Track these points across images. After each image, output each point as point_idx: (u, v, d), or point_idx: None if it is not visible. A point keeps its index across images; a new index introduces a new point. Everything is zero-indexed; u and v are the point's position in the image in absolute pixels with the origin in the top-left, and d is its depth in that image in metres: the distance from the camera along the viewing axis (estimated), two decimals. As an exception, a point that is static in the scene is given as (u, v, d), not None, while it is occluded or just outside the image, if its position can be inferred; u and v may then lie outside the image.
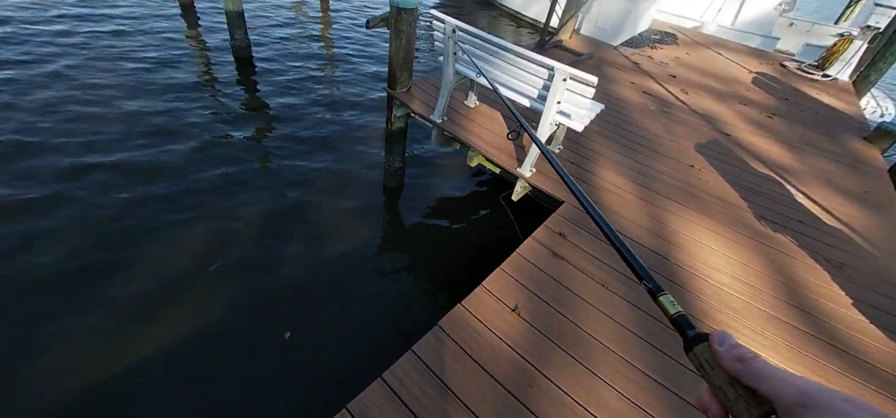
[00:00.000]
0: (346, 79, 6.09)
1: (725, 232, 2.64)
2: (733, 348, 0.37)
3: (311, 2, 8.78)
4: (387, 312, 2.99)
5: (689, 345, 0.41)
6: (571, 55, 5.17)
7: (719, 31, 8.19)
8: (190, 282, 2.86)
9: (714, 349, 0.39)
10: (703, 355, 0.39)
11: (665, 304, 0.46)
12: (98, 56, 5.24)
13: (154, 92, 4.80)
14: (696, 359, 0.40)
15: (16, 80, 4.46)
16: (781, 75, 6.16)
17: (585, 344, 1.79)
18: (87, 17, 6.17)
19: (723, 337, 0.39)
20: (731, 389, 0.36)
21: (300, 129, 4.73)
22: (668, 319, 0.45)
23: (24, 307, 2.53)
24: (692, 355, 0.41)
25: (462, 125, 3.25)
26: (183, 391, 2.31)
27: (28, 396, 2.18)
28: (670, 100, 4.59)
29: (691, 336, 0.42)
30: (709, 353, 0.39)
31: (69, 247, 2.92)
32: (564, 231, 2.40)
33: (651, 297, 0.48)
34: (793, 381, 0.32)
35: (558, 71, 2.34)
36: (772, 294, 2.22)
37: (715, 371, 0.38)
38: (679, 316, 0.44)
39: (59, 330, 2.45)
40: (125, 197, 3.38)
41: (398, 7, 3.00)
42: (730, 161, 3.52)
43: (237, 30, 5.63)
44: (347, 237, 3.48)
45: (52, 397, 2.18)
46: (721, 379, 0.37)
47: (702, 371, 0.39)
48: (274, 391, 2.39)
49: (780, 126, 4.39)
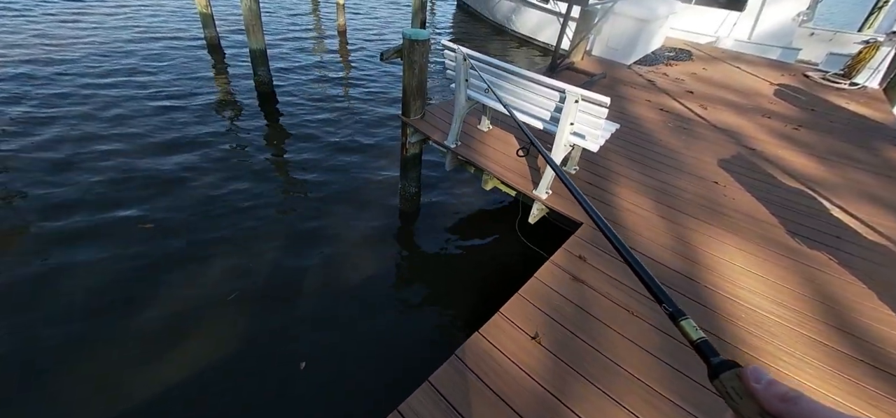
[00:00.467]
0: (362, 109, 6.26)
1: (757, 250, 2.51)
2: (772, 385, 0.35)
3: (330, 41, 9.16)
4: (403, 341, 2.95)
5: (715, 373, 0.40)
6: (584, 76, 5.17)
7: (736, 44, 8.07)
8: (208, 312, 2.90)
9: (750, 386, 0.37)
10: (730, 383, 0.38)
11: (687, 329, 0.45)
12: (126, 94, 5.57)
13: (179, 126, 5.05)
14: (722, 387, 0.39)
15: (50, 115, 4.77)
16: (805, 86, 5.97)
17: (611, 374, 1.71)
18: (114, 52, 6.63)
19: (759, 373, 0.37)
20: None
21: (318, 159, 4.85)
22: (690, 345, 0.44)
23: (50, 336, 2.62)
24: (718, 382, 0.40)
25: (476, 149, 3.26)
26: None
27: None
28: (689, 116, 4.50)
29: (716, 362, 0.41)
30: (737, 382, 0.38)
31: (94, 277, 3.02)
32: (584, 254, 2.33)
33: (672, 321, 0.47)
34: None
35: (569, 93, 2.33)
36: (812, 316, 2.08)
37: (744, 401, 0.37)
38: (702, 341, 0.43)
39: (84, 357, 2.52)
40: (149, 228, 3.50)
41: (411, 39, 3.09)
42: (756, 176, 3.39)
43: (260, 66, 5.91)
44: (364, 264, 3.49)
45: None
46: (752, 411, 0.36)
47: (729, 400, 0.38)
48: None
49: (808, 137, 4.23)
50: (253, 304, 3.00)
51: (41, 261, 3.08)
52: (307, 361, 2.66)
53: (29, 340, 2.58)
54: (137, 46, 7.17)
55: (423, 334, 3.02)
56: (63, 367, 2.46)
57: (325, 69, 7.56)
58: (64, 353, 2.53)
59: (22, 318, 2.69)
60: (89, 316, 2.77)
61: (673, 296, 2.13)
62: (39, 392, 2.34)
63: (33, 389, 2.34)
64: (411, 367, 2.74)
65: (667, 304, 0.49)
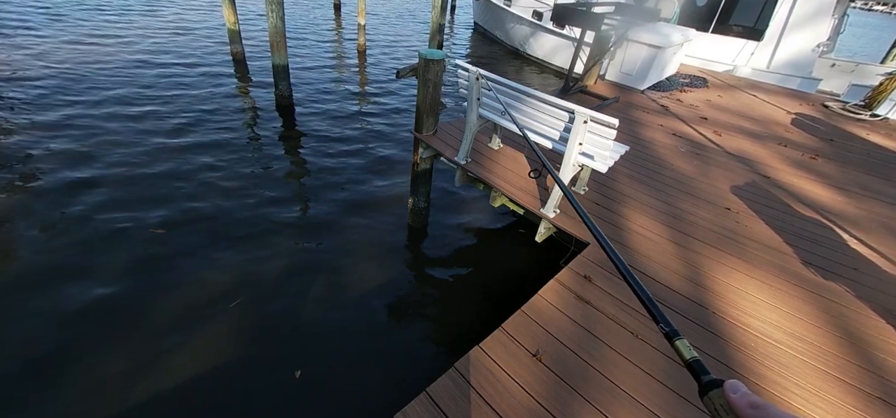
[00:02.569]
0: (375, 124, 6.39)
1: (770, 279, 2.45)
2: (746, 395, 0.40)
3: (350, 58, 9.46)
4: (403, 352, 2.93)
5: (704, 390, 0.43)
6: (596, 99, 5.20)
7: (754, 73, 8.01)
8: (211, 319, 2.93)
9: (728, 396, 0.40)
10: (718, 400, 0.41)
11: (681, 348, 0.48)
12: (148, 97, 5.83)
13: (199, 134, 5.24)
14: (711, 404, 0.42)
15: (76, 121, 5.01)
16: (824, 116, 5.87)
17: (613, 396, 1.67)
18: (147, 63, 6.96)
19: (736, 385, 0.41)
20: None
21: (330, 172, 4.95)
22: (683, 364, 0.47)
23: (59, 336, 2.69)
24: (707, 400, 0.43)
25: (485, 167, 3.29)
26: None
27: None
28: (702, 142, 4.47)
29: (706, 381, 0.43)
30: (723, 399, 0.41)
31: (101, 280, 3.09)
32: (590, 274, 2.31)
33: (668, 341, 0.50)
34: None
35: (578, 114, 2.35)
36: (827, 349, 2.00)
37: (729, 417, 0.40)
38: (694, 361, 0.46)
39: (88, 359, 2.57)
40: (160, 233, 3.60)
41: (426, 58, 3.18)
42: (770, 204, 3.32)
43: (282, 81, 6.13)
44: (369, 276, 3.52)
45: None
46: None
47: (717, 416, 0.41)
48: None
49: (825, 168, 4.14)
50: (255, 312, 3.03)
51: (49, 262, 3.16)
52: (305, 370, 2.66)
53: (33, 341, 2.62)
54: (168, 57, 7.53)
55: (423, 346, 3.00)
56: (64, 369, 2.50)
57: (343, 85, 7.78)
58: (65, 356, 2.57)
59: (29, 319, 2.76)
60: (93, 319, 2.81)
61: (683, 322, 2.10)
62: (41, 393, 2.37)
63: (36, 389, 2.38)
64: (410, 378, 2.73)
65: (663, 324, 0.52)
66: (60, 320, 2.78)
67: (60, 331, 2.71)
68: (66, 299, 2.91)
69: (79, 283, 3.04)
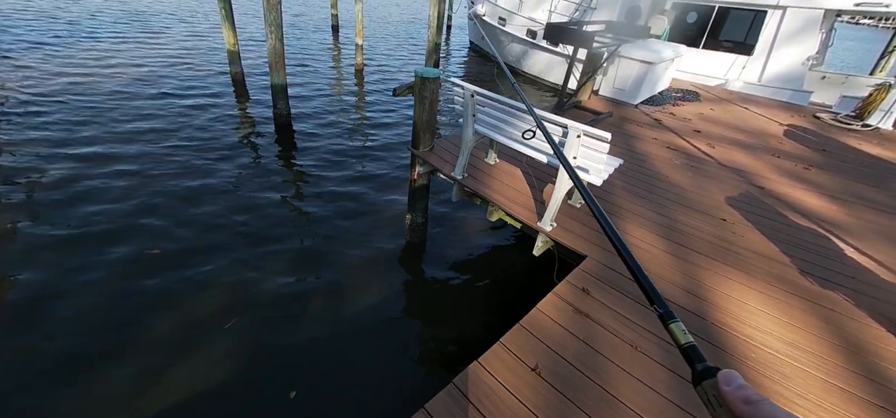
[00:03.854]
0: (373, 141, 6.45)
1: (768, 289, 2.45)
2: (740, 389, 0.37)
3: (347, 77, 9.60)
4: (400, 369, 2.90)
5: (698, 379, 0.41)
6: (590, 114, 5.28)
7: (746, 87, 8.16)
8: (205, 339, 2.90)
9: (721, 389, 0.38)
10: (711, 391, 0.39)
11: (676, 332, 0.45)
12: (146, 117, 5.88)
13: (197, 153, 5.28)
14: (704, 394, 0.40)
15: (71, 140, 5.05)
16: (816, 127, 5.96)
17: (612, 409, 1.65)
18: (145, 82, 7.04)
19: (730, 377, 0.38)
20: None
21: (328, 189, 4.97)
22: (678, 348, 0.44)
23: (48, 357, 2.65)
24: (700, 389, 0.40)
25: (482, 181, 3.32)
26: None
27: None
28: (696, 154, 4.52)
29: (700, 369, 0.41)
30: (716, 390, 0.38)
31: (96, 300, 3.08)
32: (588, 287, 2.31)
33: (662, 323, 0.48)
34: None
35: (572, 128, 2.39)
36: (828, 358, 1.99)
37: (722, 409, 0.37)
38: (690, 346, 0.43)
39: (83, 380, 2.53)
40: (156, 253, 3.59)
41: (422, 76, 3.24)
42: (765, 214, 3.35)
43: (280, 100, 6.20)
44: (367, 292, 3.50)
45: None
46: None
47: (709, 407, 0.39)
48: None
49: (818, 177, 4.18)
50: (251, 332, 3.00)
51: (45, 282, 3.14)
52: (301, 389, 2.62)
53: (27, 363, 2.59)
54: (167, 79, 7.62)
55: (420, 362, 2.97)
56: (58, 390, 2.47)
57: (341, 104, 7.88)
58: (61, 377, 2.55)
59: (24, 337, 2.73)
60: (89, 339, 2.79)
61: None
62: (34, 412, 2.34)
63: (28, 410, 2.35)
64: (407, 395, 2.69)
65: (658, 305, 0.50)
66: (55, 341, 2.75)
67: (55, 351, 2.68)
68: (61, 320, 2.89)
69: (72, 304, 3.02)
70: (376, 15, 19.25)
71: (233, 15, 7.22)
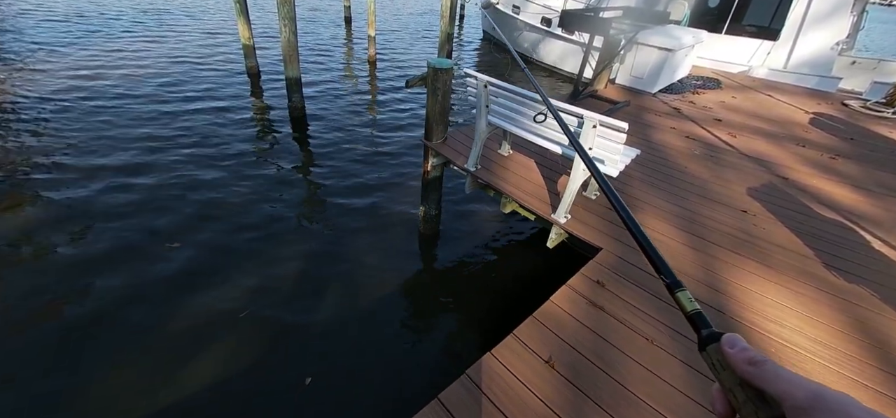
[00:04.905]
0: (386, 132, 6.47)
1: (790, 283, 2.38)
2: (744, 350, 0.37)
3: (360, 69, 9.62)
4: (414, 359, 2.94)
5: (703, 344, 0.41)
6: (607, 104, 5.17)
7: (770, 73, 7.86)
8: (221, 328, 2.96)
9: (724, 351, 0.38)
10: (715, 355, 0.39)
11: (682, 300, 0.46)
12: (164, 113, 6.01)
13: (213, 146, 5.38)
14: (708, 359, 0.40)
15: (98, 134, 5.21)
16: (844, 115, 5.71)
17: (629, 405, 1.64)
18: (161, 77, 7.19)
19: (734, 339, 0.39)
20: (741, 392, 0.36)
21: (342, 180, 5.02)
22: (684, 316, 0.45)
23: (74, 347, 2.75)
24: (705, 354, 0.41)
25: (496, 173, 3.30)
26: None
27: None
28: (717, 144, 4.39)
29: (705, 334, 0.41)
30: (720, 354, 0.39)
31: (119, 291, 3.17)
32: (603, 279, 2.29)
33: (669, 292, 0.49)
34: (803, 384, 0.32)
35: (587, 118, 2.35)
36: (852, 354, 1.93)
37: (726, 372, 0.38)
38: (696, 313, 0.44)
39: (100, 369, 2.63)
40: (176, 247, 3.68)
41: (435, 67, 3.22)
42: (789, 206, 3.24)
43: (295, 93, 6.27)
44: (380, 284, 3.54)
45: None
46: (731, 381, 0.37)
47: (714, 371, 0.40)
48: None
49: (846, 168, 4.02)
50: (265, 321, 3.06)
51: (59, 281, 3.22)
52: (315, 377, 2.68)
53: (42, 356, 2.68)
54: (182, 74, 7.76)
55: (434, 352, 3.00)
56: (77, 380, 2.55)
57: (354, 95, 7.91)
58: (78, 367, 2.63)
59: (40, 330, 2.83)
60: (100, 332, 2.86)
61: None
62: (45, 404, 2.43)
63: (43, 401, 2.44)
64: (421, 385, 2.72)
65: (665, 274, 0.51)
66: (76, 332, 2.84)
67: (75, 343, 2.77)
68: (82, 312, 2.98)
69: (93, 296, 3.11)
70: (389, 6, 19.17)
71: (248, 9, 7.30)
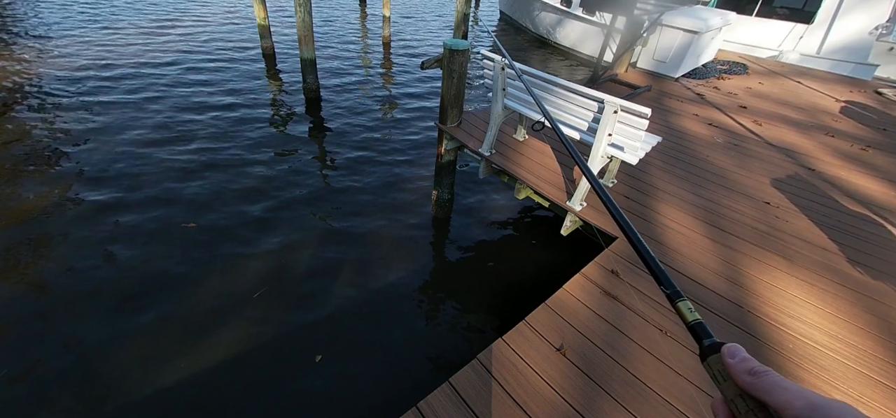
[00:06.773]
0: (400, 115, 6.44)
1: (812, 278, 2.32)
2: (744, 361, 0.38)
3: (375, 51, 9.53)
4: (426, 342, 2.97)
5: (704, 354, 0.41)
6: (627, 88, 5.03)
7: (802, 59, 7.50)
8: (235, 306, 3.03)
9: (725, 361, 0.39)
10: (717, 365, 0.40)
11: (683, 310, 0.47)
12: (183, 95, 6.09)
13: (229, 128, 5.43)
14: (710, 369, 0.41)
15: (118, 115, 5.31)
16: (878, 104, 5.44)
17: (641, 395, 1.64)
18: (178, 61, 7.27)
19: (734, 350, 0.39)
20: (743, 402, 0.36)
21: (356, 163, 5.04)
22: (685, 326, 0.46)
23: (78, 331, 2.81)
24: (707, 364, 0.41)
25: (510, 158, 3.26)
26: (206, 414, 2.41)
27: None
28: (741, 132, 4.24)
29: (707, 344, 0.42)
30: (722, 364, 0.39)
31: (137, 270, 3.24)
32: (617, 269, 2.26)
33: (670, 303, 0.49)
34: (801, 394, 0.32)
35: (608, 103, 2.29)
36: (873, 353, 1.88)
37: (727, 383, 0.38)
38: (697, 323, 0.44)
39: (120, 345, 2.71)
40: (191, 227, 3.76)
41: (451, 49, 3.16)
42: (815, 198, 3.13)
43: (309, 74, 6.26)
44: (392, 266, 3.57)
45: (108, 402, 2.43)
46: (733, 392, 0.37)
47: (716, 381, 0.40)
48: (302, 414, 2.43)
49: (878, 160, 3.85)
50: (277, 301, 3.11)
51: (77, 256, 3.30)
52: (326, 355, 2.73)
53: (64, 333, 2.77)
54: (198, 55, 7.82)
55: (446, 336, 3.03)
56: (93, 358, 2.64)
57: (369, 77, 7.86)
58: (91, 346, 2.71)
59: (61, 309, 2.92)
60: (121, 310, 2.94)
61: (717, 321, 2.02)
62: (68, 377, 2.52)
63: (66, 374, 2.54)
64: (431, 367, 2.76)
65: (665, 285, 0.51)
66: (99, 313, 2.92)
67: (99, 324, 2.84)
68: (100, 294, 3.04)
69: (115, 278, 3.18)
70: (404, -16, 18.81)
71: (263, -13, 7.25)
